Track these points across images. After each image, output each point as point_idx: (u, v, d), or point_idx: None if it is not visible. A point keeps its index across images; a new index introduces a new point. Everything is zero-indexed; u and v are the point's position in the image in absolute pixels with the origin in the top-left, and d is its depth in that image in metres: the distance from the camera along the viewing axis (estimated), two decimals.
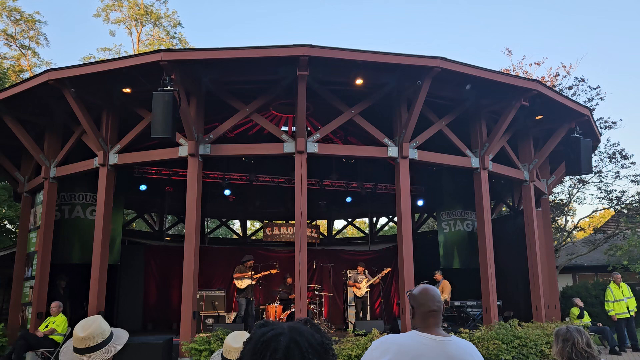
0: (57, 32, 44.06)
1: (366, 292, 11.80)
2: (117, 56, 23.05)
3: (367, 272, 12.00)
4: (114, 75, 8.22)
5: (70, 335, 2.59)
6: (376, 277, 11.67)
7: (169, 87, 7.35)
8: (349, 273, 13.51)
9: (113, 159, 8.90)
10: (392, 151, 8.84)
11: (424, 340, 2.25)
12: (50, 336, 8.27)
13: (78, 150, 9.60)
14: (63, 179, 9.80)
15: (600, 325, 11.37)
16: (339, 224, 19.39)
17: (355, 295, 11.81)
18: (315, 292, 11.90)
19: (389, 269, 11.85)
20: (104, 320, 2.63)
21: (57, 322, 8.43)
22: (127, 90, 8.70)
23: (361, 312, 11.70)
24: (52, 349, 8.14)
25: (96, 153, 8.96)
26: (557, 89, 17.56)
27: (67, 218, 10.68)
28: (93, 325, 2.53)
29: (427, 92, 8.24)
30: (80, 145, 9.42)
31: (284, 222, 16.20)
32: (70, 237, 10.56)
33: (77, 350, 2.48)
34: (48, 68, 8.29)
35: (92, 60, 22.96)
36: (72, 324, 8.07)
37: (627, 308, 10.86)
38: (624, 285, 11.12)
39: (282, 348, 1.34)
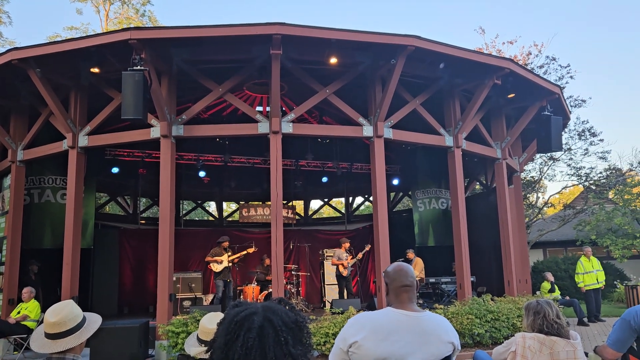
0: (21, 10, 42.46)
1: (350, 271, 11.29)
2: (84, 35, 22.32)
3: (352, 249, 11.52)
4: (81, 55, 7.95)
5: (42, 321, 2.54)
6: (359, 254, 11.29)
7: (139, 67, 7.15)
8: (327, 252, 13.55)
9: (83, 141, 8.68)
10: (367, 130, 8.84)
11: (398, 317, 2.28)
12: (23, 322, 8.13)
13: (46, 133, 9.33)
14: (31, 162, 9.54)
15: (568, 298, 11.78)
16: (315, 204, 19.46)
17: (340, 274, 11.24)
18: (293, 272, 11.94)
19: (369, 245, 11.16)
20: (76, 305, 2.59)
21: (29, 308, 8.29)
22: (96, 70, 8.44)
23: (345, 291, 11.21)
24: (25, 335, 8.01)
25: (65, 135, 8.73)
26: (529, 67, 17.74)
27: (37, 202, 10.42)
28: (64, 310, 2.49)
29: (401, 71, 8.22)
30: (48, 127, 9.15)
31: (260, 203, 16.16)
32: (41, 222, 10.33)
33: (49, 336, 2.44)
34: (11, 47, 7.97)
35: (59, 39, 22.18)
36: (45, 309, 7.92)
37: (597, 280, 11.29)
38: (594, 259, 11.57)
39: (256, 327, 1.33)
